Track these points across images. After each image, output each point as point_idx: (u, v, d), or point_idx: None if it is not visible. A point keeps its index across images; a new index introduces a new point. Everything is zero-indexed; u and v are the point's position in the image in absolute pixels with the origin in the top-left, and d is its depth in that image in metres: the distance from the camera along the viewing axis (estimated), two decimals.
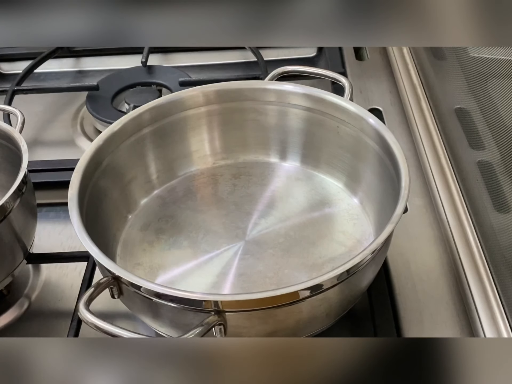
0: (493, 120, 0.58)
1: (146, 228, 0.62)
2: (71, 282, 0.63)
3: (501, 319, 0.54)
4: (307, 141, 0.65)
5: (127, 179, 0.63)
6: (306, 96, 0.63)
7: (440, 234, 0.64)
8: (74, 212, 0.52)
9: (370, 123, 0.59)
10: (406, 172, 0.53)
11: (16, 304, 0.62)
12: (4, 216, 0.55)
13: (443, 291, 0.59)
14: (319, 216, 0.62)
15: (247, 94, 0.65)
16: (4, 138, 0.61)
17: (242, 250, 0.59)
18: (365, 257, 0.47)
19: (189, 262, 0.59)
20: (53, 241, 0.67)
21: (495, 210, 0.57)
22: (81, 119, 0.84)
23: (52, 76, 0.92)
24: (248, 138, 0.67)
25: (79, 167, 0.56)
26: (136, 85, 0.84)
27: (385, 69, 0.86)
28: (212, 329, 0.46)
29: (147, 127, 0.63)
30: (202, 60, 0.92)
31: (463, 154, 0.65)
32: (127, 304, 0.53)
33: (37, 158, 0.74)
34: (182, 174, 0.67)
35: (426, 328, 0.56)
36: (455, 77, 0.66)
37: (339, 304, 0.51)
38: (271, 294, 0.46)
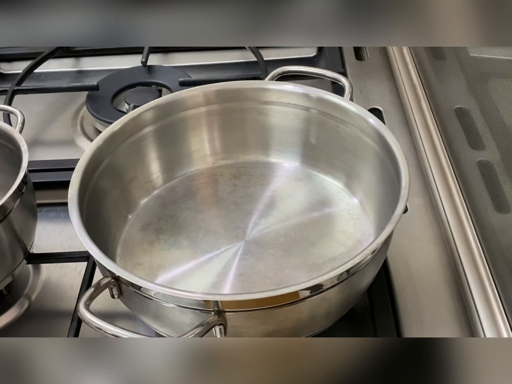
0: (493, 120, 0.58)
1: (146, 228, 0.62)
2: (71, 282, 0.63)
3: (501, 319, 0.54)
4: (307, 141, 0.65)
5: (127, 179, 0.63)
6: (306, 96, 0.63)
7: (440, 234, 0.64)
8: (74, 212, 0.52)
9: (370, 123, 0.59)
10: (406, 172, 0.53)
11: (16, 304, 0.62)
12: (4, 216, 0.55)
13: (443, 291, 0.59)
14: (319, 216, 0.62)
15: (247, 94, 0.65)
16: (4, 138, 0.61)
17: (242, 250, 0.59)
18: (365, 257, 0.47)
19: (189, 262, 0.59)
20: (53, 241, 0.67)
21: (495, 210, 0.57)
22: (81, 119, 0.84)
23: (52, 76, 0.92)
24: (248, 138, 0.67)
25: (79, 167, 0.56)
26: (136, 85, 0.84)
27: (385, 69, 0.86)
28: (212, 329, 0.46)
29: (147, 127, 0.63)
30: (202, 60, 0.92)
31: (463, 154, 0.65)
32: (127, 304, 0.53)
33: (37, 158, 0.74)
34: (182, 174, 0.67)
35: (426, 328, 0.56)
36: (455, 77, 0.67)
37: (339, 304, 0.51)
38: (271, 294, 0.46)
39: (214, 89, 0.65)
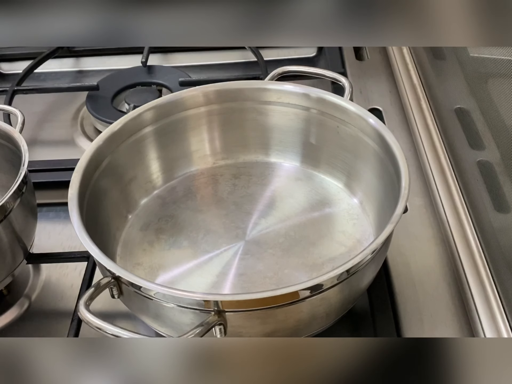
0: (493, 120, 0.58)
1: (146, 228, 0.62)
2: (71, 282, 0.63)
3: (501, 319, 0.54)
4: (307, 141, 0.65)
5: (127, 179, 0.63)
6: (306, 96, 0.63)
7: (440, 234, 0.64)
8: (74, 212, 0.52)
9: (370, 123, 0.59)
10: (406, 172, 0.53)
11: (16, 304, 0.62)
12: (4, 216, 0.55)
13: (443, 291, 0.59)
14: (319, 216, 0.62)
15: (247, 94, 0.65)
16: (4, 138, 0.61)
17: (242, 250, 0.59)
18: (365, 257, 0.47)
19: (189, 262, 0.59)
20: (53, 241, 0.67)
21: (495, 210, 0.57)
22: (81, 119, 0.84)
23: (52, 76, 0.92)
24: (248, 138, 0.67)
25: (79, 167, 0.56)
26: (136, 85, 0.84)
27: (385, 69, 0.86)
28: (212, 329, 0.46)
29: (147, 127, 0.63)
30: (202, 60, 0.92)
31: (463, 154, 0.65)
32: (127, 304, 0.53)
33: (37, 158, 0.74)
34: (182, 174, 0.67)
35: (426, 328, 0.56)
36: (455, 77, 0.67)
37: (339, 304, 0.51)
38: (271, 294, 0.46)
39: (214, 89, 0.65)
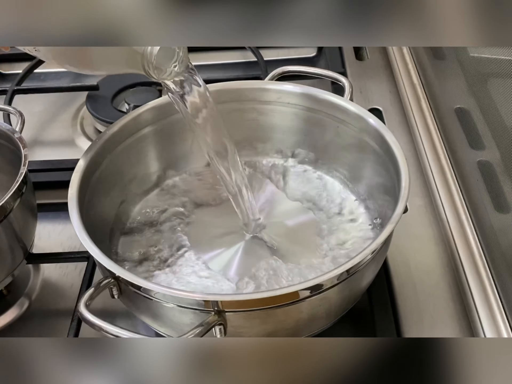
0: (493, 120, 0.58)
1: (146, 228, 0.62)
2: (71, 282, 0.63)
3: (501, 319, 0.54)
4: (307, 141, 0.65)
5: (127, 179, 0.63)
6: (306, 96, 0.63)
7: (440, 234, 0.64)
8: (74, 212, 0.52)
9: (370, 123, 0.59)
10: (406, 172, 0.53)
11: (16, 304, 0.62)
12: (4, 216, 0.55)
13: (443, 291, 0.59)
14: (319, 215, 0.62)
15: (247, 94, 0.65)
16: (4, 138, 0.61)
17: (242, 250, 0.59)
18: (365, 257, 0.47)
19: (190, 261, 0.59)
20: (53, 241, 0.67)
21: (495, 210, 0.57)
22: (81, 119, 0.84)
23: (52, 76, 0.92)
24: (248, 138, 0.67)
25: (79, 167, 0.56)
26: (136, 85, 0.84)
27: (385, 69, 0.86)
28: (212, 329, 0.46)
29: (147, 127, 0.63)
30: (202, 60, 0.91)
31: (463, 154, 0.65)
32: (127, 304, 0.53)
33: (37, 158, 0.74)
34: (182, 174, 0.67)
35: (426, 328, 0.56)
36: (455, 77, 0.67)
37: (339, 304, 0.51)
38: (271, 294, 0.46)
39: (214, 89, 0.65)
